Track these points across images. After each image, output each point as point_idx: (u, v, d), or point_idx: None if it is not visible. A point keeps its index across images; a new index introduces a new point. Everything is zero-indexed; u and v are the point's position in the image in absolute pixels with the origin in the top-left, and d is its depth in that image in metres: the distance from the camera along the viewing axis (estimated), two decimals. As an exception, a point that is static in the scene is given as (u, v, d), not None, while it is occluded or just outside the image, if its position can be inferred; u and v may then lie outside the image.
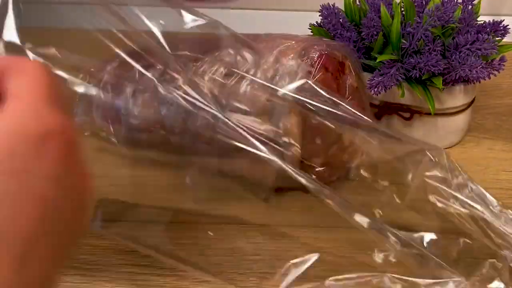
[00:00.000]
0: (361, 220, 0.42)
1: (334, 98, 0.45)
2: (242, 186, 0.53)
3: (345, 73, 0.51)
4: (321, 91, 0.45)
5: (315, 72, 0.47)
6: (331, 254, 0.48)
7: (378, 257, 0.45)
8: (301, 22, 0.62)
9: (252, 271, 0.46)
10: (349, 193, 0.54)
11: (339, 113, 0.44)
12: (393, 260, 0.43)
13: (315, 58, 0.48)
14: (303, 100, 0.44)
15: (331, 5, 0.59)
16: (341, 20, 0.58)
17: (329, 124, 0.45)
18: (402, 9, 0.56)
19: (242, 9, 0.87)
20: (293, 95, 0.46)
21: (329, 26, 0.59)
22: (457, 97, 0.57)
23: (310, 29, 0.61)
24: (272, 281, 0.45)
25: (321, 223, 0.51)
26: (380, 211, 0.45)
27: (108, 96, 0.55)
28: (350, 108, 0.44)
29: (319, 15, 0.60)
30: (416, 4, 0.57)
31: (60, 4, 0.87)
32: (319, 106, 0.44)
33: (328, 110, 0.44)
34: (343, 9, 0.59)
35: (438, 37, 0.53)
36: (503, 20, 0.56)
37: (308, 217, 0.51)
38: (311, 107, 0.44)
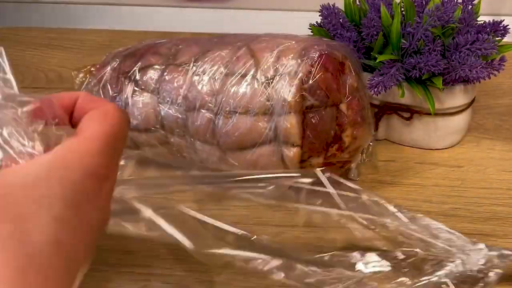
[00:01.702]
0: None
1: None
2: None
3: (345, 73, 0.51)
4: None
5: (315, 72, 0.47)
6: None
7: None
8: (301, 22, 0.62)
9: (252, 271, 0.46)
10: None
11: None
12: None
13: (315, 58, 0.48)
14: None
15: (331, 5, 0.59)
16: (341, 20, 0.58)
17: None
18: (402, 9, 0.56)
19: (242, 9, 0.87)
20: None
21: (329, 26, 0.59)
22: (457, 97, 0.56)
23: (310, 29, 0.61)
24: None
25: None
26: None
27: (108, 96, 0.56)
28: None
29: (319, 15, 0.60)
30: (416, 4, 0.57)
31: (62, 3, 0.87)
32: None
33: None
34: (343, 9, 0.59)
35: (438, 37, 0.53)
36: (503, 20, 0.56)
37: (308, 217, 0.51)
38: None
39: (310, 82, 0.47)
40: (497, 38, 0.56)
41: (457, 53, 0.53)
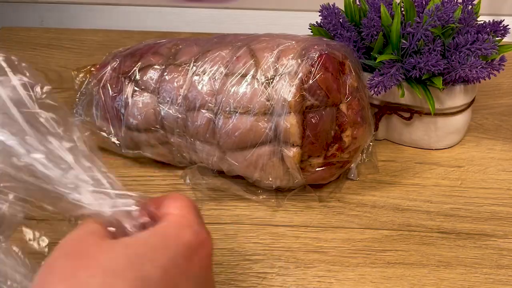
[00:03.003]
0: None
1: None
2: (242, 186, 0.54)
3: (345, 73, 0.51)
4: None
5: (315, 72, 0.47)
6: (331, 254, 0.48)
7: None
8: (301, 22, 0.62)
9: (252, 271, 0.46)
10: (349, 193, 0.54)
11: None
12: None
13: (315, 58, 0.48)
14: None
15: (331, 5, 0.59)
16: (341, 20, 0.58)
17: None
18: (402, 9, 0.56)
19: (242, 9, 0.87)
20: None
21: (329, 26, 0.59)
22: (457, 97, 0.56)
23: (310, 29, 0.61)
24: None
25: (321, 223, 0.51)
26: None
27: (108, 96, 0.56)
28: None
29: (319, 15, 0.60)
30: (416, 4, 0.57)
31: (62, 4, 0.87)
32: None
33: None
34: (343, 9, 0.59)
35: (438, 37, 0.53)
36: (503, 20, 0.56)
37: (308, 217, 0.51)
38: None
39: (310, 82, 0.47)
40: (497, 38, 0.56)
41: (457, 53, 0.53)
